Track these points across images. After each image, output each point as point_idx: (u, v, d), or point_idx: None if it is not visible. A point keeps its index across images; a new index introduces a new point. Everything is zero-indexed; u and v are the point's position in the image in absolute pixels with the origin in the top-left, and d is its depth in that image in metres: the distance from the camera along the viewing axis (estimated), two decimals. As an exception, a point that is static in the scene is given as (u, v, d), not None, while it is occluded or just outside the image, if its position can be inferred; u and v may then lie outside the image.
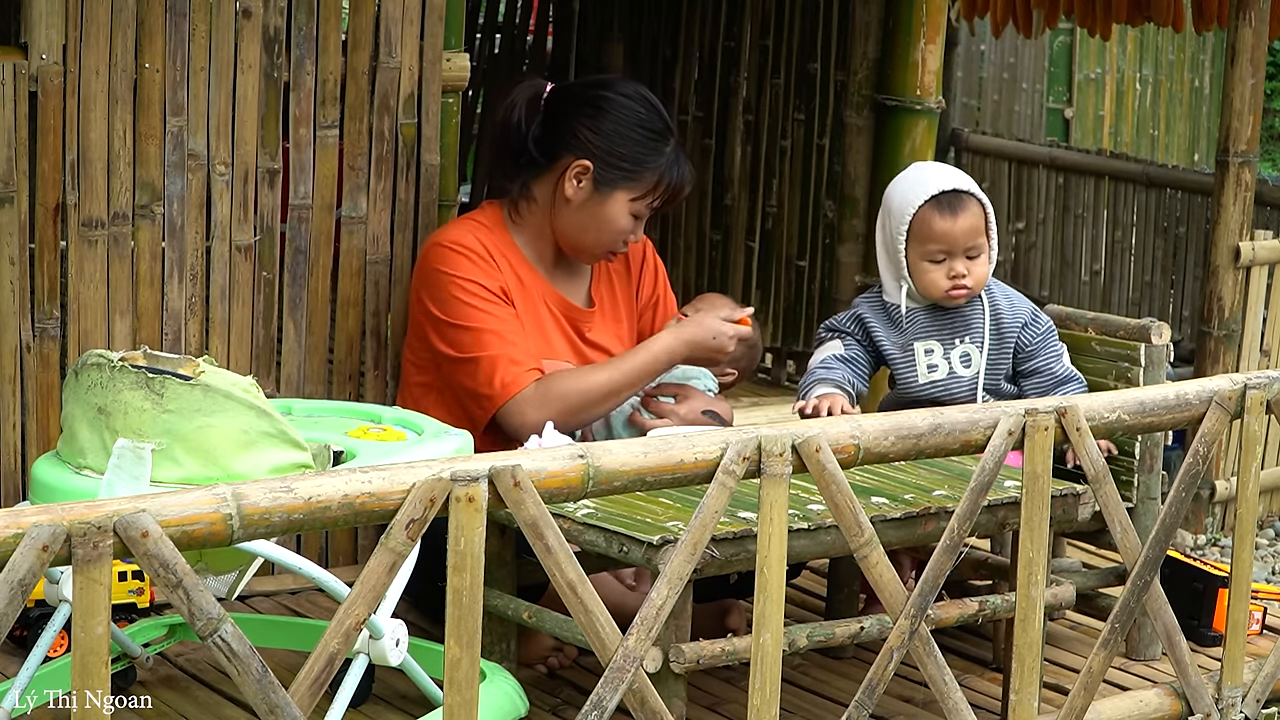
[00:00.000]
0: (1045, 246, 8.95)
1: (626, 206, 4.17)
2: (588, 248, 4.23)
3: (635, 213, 4.18)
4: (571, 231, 4.20)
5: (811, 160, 5.65)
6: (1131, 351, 4.11)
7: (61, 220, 3.90)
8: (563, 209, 4.19)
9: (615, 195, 4.16)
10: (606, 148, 4.14)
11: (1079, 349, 4.20)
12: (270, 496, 2.54)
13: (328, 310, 4.29)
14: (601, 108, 4.17)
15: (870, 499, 3.58)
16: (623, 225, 4.18)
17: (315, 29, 4.15)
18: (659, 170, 4.16)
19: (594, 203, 4.16)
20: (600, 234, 4.19)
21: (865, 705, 3.18)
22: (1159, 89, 12.38)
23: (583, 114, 4.18)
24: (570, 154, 4.15)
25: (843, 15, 5.46)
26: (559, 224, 4.21)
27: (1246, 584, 3.68)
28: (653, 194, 4.18)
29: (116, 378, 3.12)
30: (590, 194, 4.15)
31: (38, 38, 3.82)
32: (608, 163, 4.14)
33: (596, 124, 4.15)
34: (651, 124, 4.18)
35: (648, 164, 4.15)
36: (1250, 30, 5.62)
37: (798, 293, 5.76)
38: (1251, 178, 5.76)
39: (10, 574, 2.35)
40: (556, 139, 4.18)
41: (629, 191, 4.16)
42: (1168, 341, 4.11)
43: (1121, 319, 4.20)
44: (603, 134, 4.14)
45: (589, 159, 4.13)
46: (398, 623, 3.28)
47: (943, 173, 4.14)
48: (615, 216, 4.17)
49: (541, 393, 4.01)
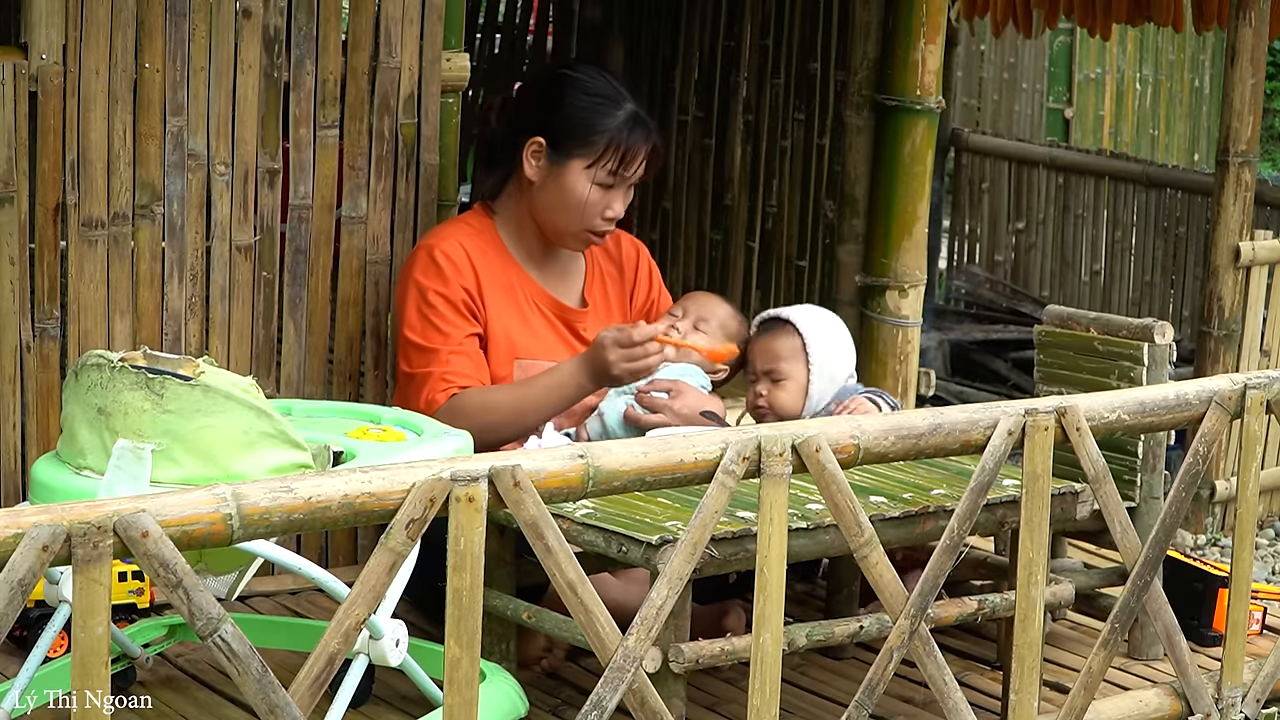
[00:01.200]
0: (1045, 246, 8.95)
1: (584, 175, 4.16)
2: (566, 228, 4.22)
3: (598, 181, 4.16)
4: (545, 214, 4.22)
5: (811, 160, 5.65)
6: (1134, 351, 4.10)
7: (61, 220, 3.90)
8: (530, 193, 4.22)
9: (570, 165, 4.16)
10: (556, 121, 4.16)
11: (1081, 349, 4.20)
12: (270, 496, 2.54)
13: (328, 310, 4.29)
14: (551, 83, 4.23)
15: (869, 498, 3.59)
16: (587, 196, 4.16)
17: (315, 29, 4.15)
18: (608, 133, 4.15)
19: (553, 177, 4.17)
20: (569, 210, 4.18)
21: (865, 705, 3.18)
22: (1159, 89, 12.38)
23: (534, 96, 4.25)
24: (525, 134, 4.19)
25: (843, 15, 5.46)
26: (534, 211, 4.23)
27: (1246, 584, 3.68)
28: (608, 158, 4.15)
29: (116, 378, 3.12)
30: (548, 169, 4.17)
31: (38, 38, 3.82)
32: (559, 134, 4.16)
33: (545, 100, 4.20)
34: (599, 89, 4.20)
35: (596, 128, 4.15)
36: (1250, 30, 5.62)
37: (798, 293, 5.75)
38: (1251, 178, 5.75)
39: (10, 574, 2.35)
40: (515, 128, 4.23)
41: (583, 159, 4.15)
42: (1170, 341, 4.11)
43: (1124, 319, 4.20)
44: (550, 108, 4.18)
45: (540, 134, 4.16)
46: (398, 623, 3.28)
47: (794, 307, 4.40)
48: (575, 187, 4.16)
49: (450, 410, 4.03)
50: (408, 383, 4.13)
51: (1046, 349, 4.28)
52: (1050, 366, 4.27)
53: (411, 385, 4.12)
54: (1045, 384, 4.26)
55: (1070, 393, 3.68)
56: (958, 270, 9.37)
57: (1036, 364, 4.31)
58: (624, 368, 3.99)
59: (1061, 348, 4.25)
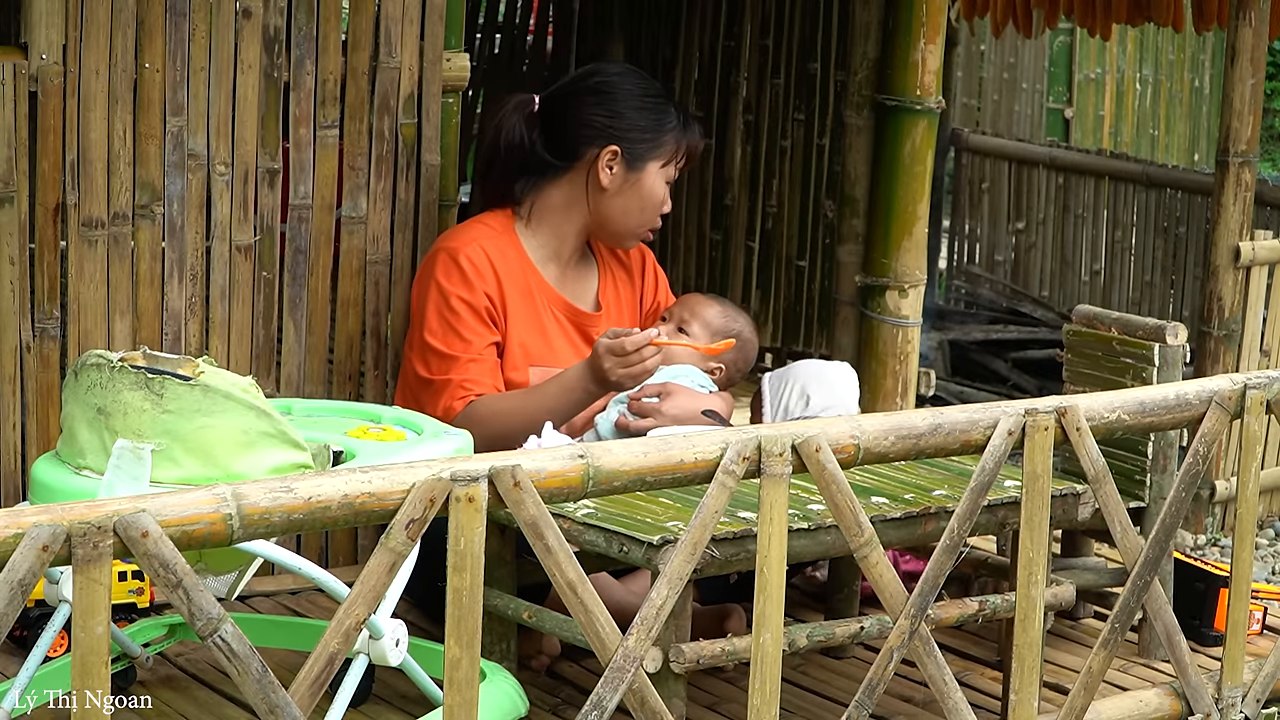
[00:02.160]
0: (1045, 246, 8.95)
1: (660, 175, 4.27)
2: (631, 230, 4.32)
3: (666, 179, 4.30)
4: (616, 217, 4.28)
5: (811, 160, 5.65)
6: (1146, 351, 4.11)
7: (61, 220, 3.90)
8: (602, 199, 4.26)
9: (648, 168, 4.26)
10: (625, 126, 4.24)
11: (1102, 349, 4.20)
12: (270, 496, 2.54)
13: (328, 310, 4.29)
14: (604, 92, 4.27)
15: (870, 499, 3.59)
16: (662, 193, 4.29)
17: (315, 29, 4.15)
18: (675, 131, 4.28)
19: (630, 183, 4.25)
20: (644, 212, 4.29)
21: (865, 705, 3.17)
22: (1159, 89, 12.38)
23: (587, 106, 4.26)
24: (592, 146, 4.23)
25: (843, 15, 5.45)
26: (602, 214, 4.28)
27: (1246, 584, 3.68)
28: (676, 156, 4.29)
29: (116, 378, 3.12)
30: (625, 175, 4.25)
31: (38, 38, 3.82)
32: (631, 139, 4.24)
33: (606, 108, 4.25)
34: (652, 91, 4.32)
35: (664, 128, 4.27)
36: (1250, 30, 5.62)
37: (798, 293, 5.75)
38: (1251, 178, 5.75)
39: (10, 574, 2.35)
40: (568, 138, 4.25)
41: (658, 160, 4.27)
42: (1183, 342, 4.12)
43: (1143, 319, 4.20)
44: (616, 115, 4.24)
45: (614, 143, 4.22)
46: (398, 623, 3.28)
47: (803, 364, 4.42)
48: (653, 187, 4.27)
49: (466, 417, 4.06)
50: (423, 387, 4.14)
51: (1074, 349, 4.28)
52: (1077, 366, 4.27)
53: (428, 390, 4.13)
54: (1072, 384, 4.27)
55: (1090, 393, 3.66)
56: (958, 270, 9.37)
57: (1065, 364, 4.32)
58: (620, 374, 4.02)
59: (1087, 348, 4.25)
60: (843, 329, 5.36)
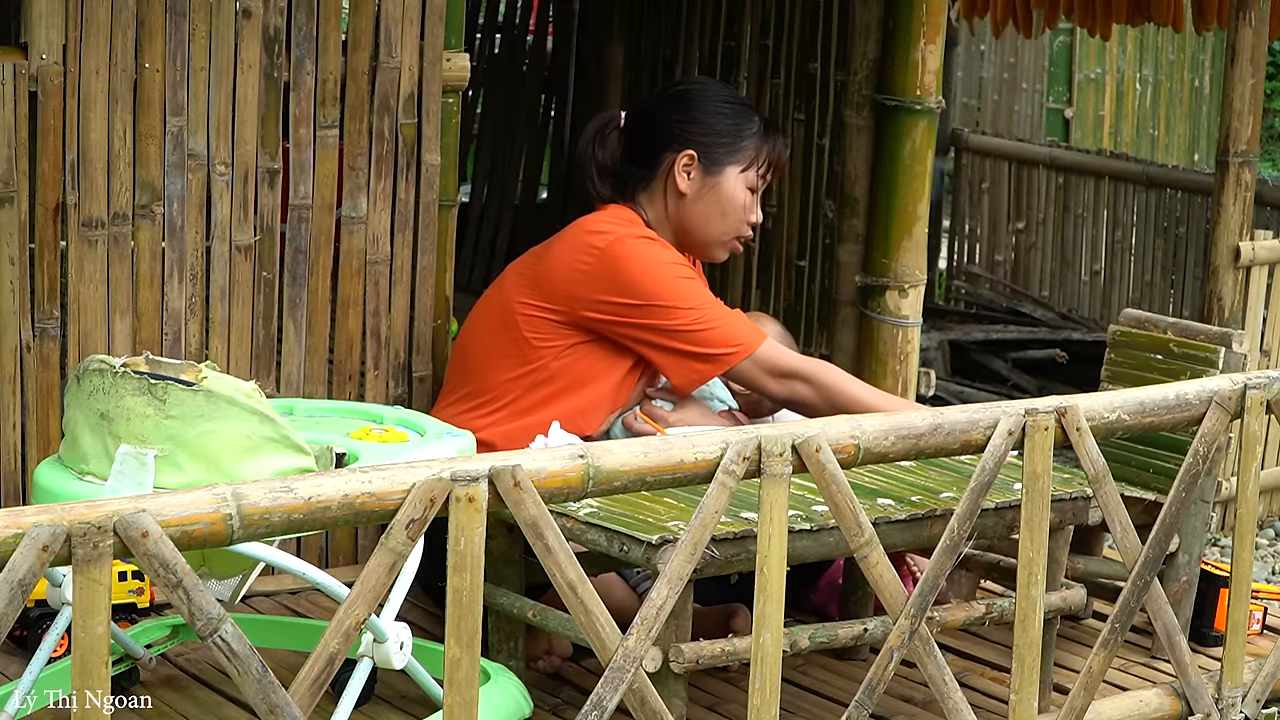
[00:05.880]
0: (1045, 246, 8.95)
1: (740, 180, 4.23)
2: (716, 238, 4.28)
3: (750, 185, 4.25)
4: (698, 225, 4.25)
5: (811, 160, 5.65)
6: (1210, 355, 4.12)
7: (61, 220, 3.90)
8: (682, 205, 4.24)
9: (726, 172, 4.22)
10: (702, 131, 4.22)
11: (1156, 349, 4.20)
12: (270, 496, 2.54)
13: (328, 310, 4.29)
14: (683, 99, 4.27)
15: (876, 500, 3.58)
16: (744, 200, 4.24)
17: (315, 29, 4.15)
18: (756, 138, 4.24)
19: (708, 187, 4.23)
20: (725, 218, 4.25)
21: (865, 705, 3.18)
22: (1159, 89, 12.39)
23: (668, 113, 4.26)
24: (669, 151, 4.22)
25: (843, 15, 5.45)
26: (684, 222, 4.25)
27: (1246, 584, 3.68)
28: (758, 163, 4.24)
29: (119, 384, 3.12)
30: (703, 179, 4.22)
31: (38, 38, 3.82)
32: (708, 144, 4.21)
33: (685, 114, 4.24)
34: (733, 98, 4.30)
35: (745, 133, 4.24)
36: (1250, 30, 5.62)
37: (798, 293, 5.75)
38: (1251, 178, 5.75)
39: (10, 574, 2.35)
40: (649, 147, 4.24)
41: (737, 165, 4.23)
42: (1247, 350, 4.14)
43: (1201, 325, 4.23)
44: (694, 120, 4.23)
45: (690, 147, 4.20)
46: (402, 626, 3.28)
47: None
48: (733, 193, 4.23)
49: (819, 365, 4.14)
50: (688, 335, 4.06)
51: (1119, 348, 4.29)
52: (1120, 365, 4.27)
53: (700, 336, 4.06)
54: (1111, 382, 4.27)
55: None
56: (958, 270, 9.37)
57: (1106, 362, 4.31)
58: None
59: (1135, 347, 4.25)
60: (843, 329, 5.36)
